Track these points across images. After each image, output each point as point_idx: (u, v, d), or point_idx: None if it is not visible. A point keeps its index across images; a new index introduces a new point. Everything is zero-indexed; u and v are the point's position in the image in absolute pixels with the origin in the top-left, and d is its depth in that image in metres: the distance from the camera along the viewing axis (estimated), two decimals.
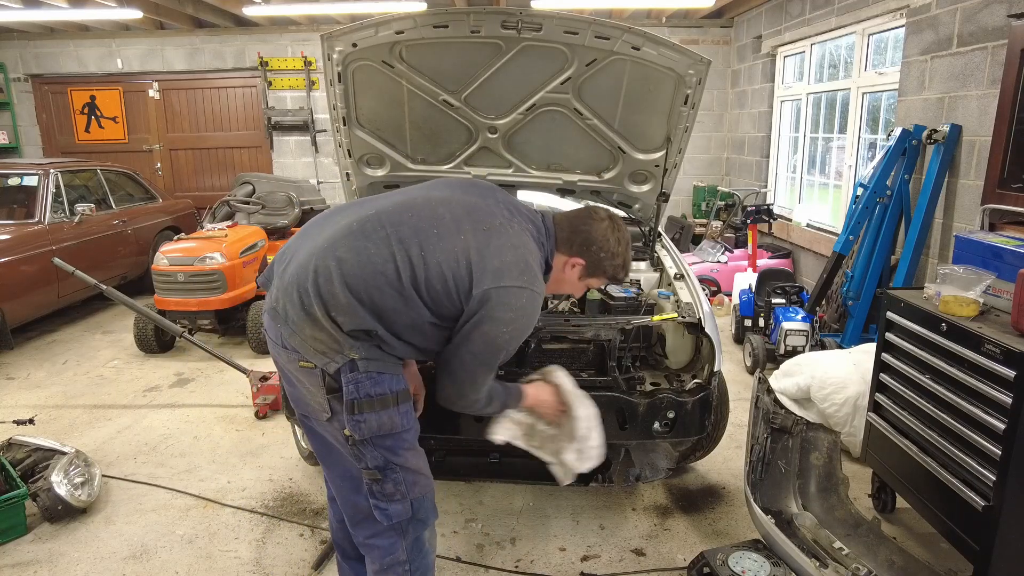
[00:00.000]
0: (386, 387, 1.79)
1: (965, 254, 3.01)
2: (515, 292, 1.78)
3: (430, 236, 1.80)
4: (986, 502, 2.13)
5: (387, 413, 1.79)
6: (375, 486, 1.85)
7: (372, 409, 1.77)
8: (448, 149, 3.42)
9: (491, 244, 1.82)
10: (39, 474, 3.02)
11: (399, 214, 1.85)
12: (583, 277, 2.07)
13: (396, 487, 1.85)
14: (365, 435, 1.78)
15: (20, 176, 5.79)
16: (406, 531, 1.91)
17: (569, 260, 2.03)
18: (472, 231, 1.82)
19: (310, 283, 1.76)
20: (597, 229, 2.01)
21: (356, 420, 1.77)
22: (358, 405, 1.76)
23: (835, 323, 4.95)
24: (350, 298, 1.74)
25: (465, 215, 1.86)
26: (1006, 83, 3.73)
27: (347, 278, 1.75)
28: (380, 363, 1.79)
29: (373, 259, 1.77)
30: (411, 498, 1.88)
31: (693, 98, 2.94)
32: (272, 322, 1.85)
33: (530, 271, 1.84)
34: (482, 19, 2.71)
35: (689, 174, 8.60)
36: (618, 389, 2.58)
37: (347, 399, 1.76)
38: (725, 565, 2.30)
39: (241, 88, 8.84)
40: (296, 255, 1.85)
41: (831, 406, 3.35)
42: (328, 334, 1.75)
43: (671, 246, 3.51)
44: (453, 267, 1.78)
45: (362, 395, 1.76)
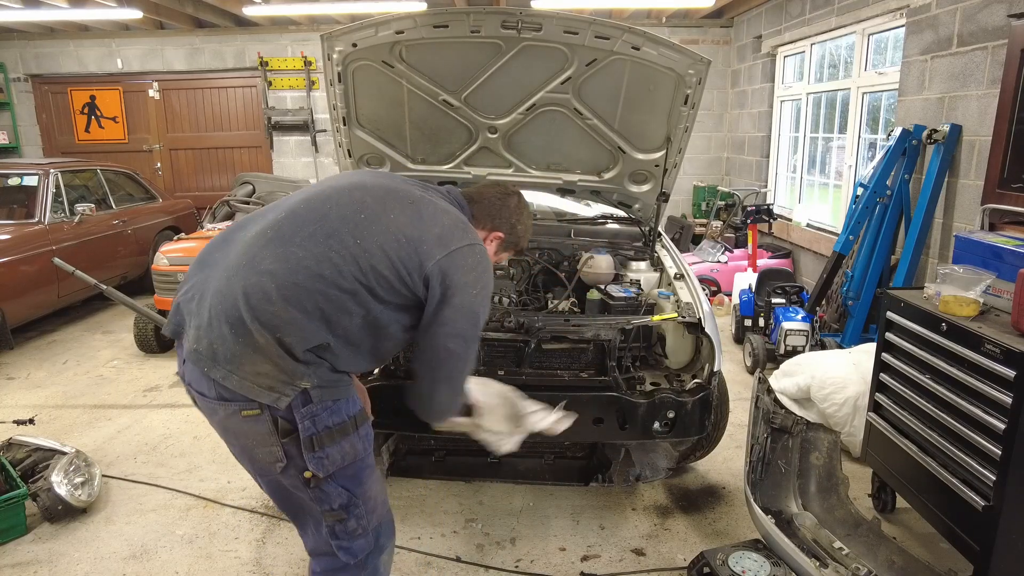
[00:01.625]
0: (343, 413, 1.64)
1: (965, 254, 3.02)
2: (466, 251, 1.71)
3: (359, 222, 1.66)
4: (986, 502, 2.13)
5: (348, 441, 1.65)
6: (338, 526, 1.72)
7: (333, 441, 1.62)
8: (448, 149, 3.42)
9: (422, 215, 1.72)
10: (39, 474, 3.02)
11: (316, 208, 1.69)
12: (497, 252, 2.06)
13: (359, 522, 1.73)
14: (330, 471, 1.63)
15: (20, 176, 5.79)
16: (366, 564, 1.80)
17: (490, 235, 2.00)
18: (399, 208, 1.71)
19: (243, 308, 1.53)
20: (513, 203, 2.03)
21: (318, 457, 1.60)
22: (318, 440, 1.59)
23: (835, 323, 4.95)
24: (295, 313, 1.55)
25: (385, 195, 1.75)
26: (1006, 83, 3.73)
27: (284, 291, 1.55)
28: (334, 389, 1.63)
29: (305, 263, 1.58)
30: (371, 529, 1.77)
31: (693, 98, 2.94)
32: (197, 370, 1.59)
33: (468, 228, 1.81)
34: (482, 19, 2.71)
35: (689, 174, 8.60)
36: (618, 389, 2.58)
37: (304, 436, 1.58)
38: (725, 565, 2.30)
39: (241, 88, 8.84)
40: (207, 286, 1.62)
41: (831, 406, 3.35)
42: (275, 364, 1.54)
43: (671, 246, 3.51)
44: (394, 247, 1.64)
45: (320, 428, 1.59)
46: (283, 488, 1.76)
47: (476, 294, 1.70)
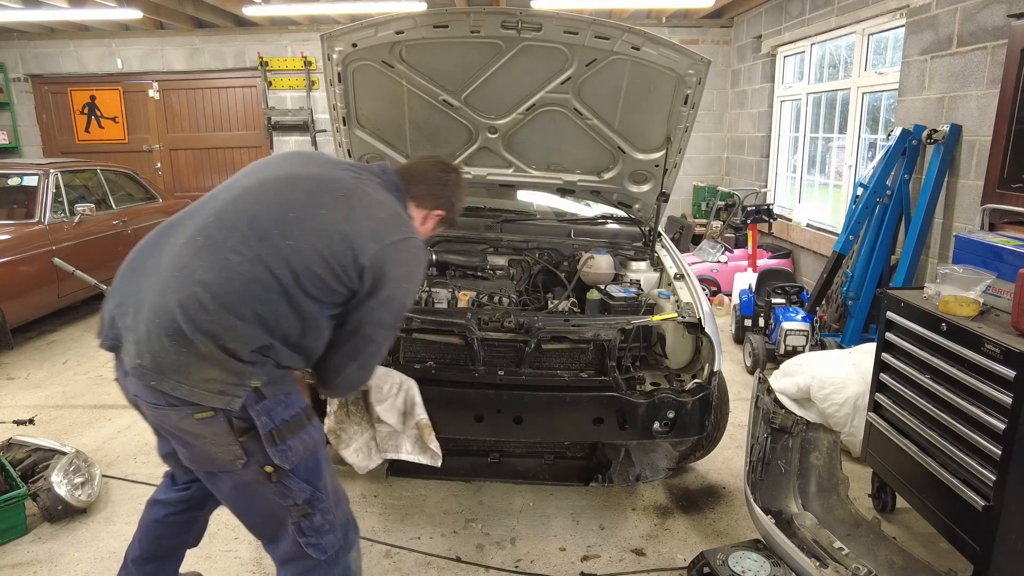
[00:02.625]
0: (296, 406, 1.66)
1: (965, 254, 3.01)
2: (402, 245, 1.71)
3: (290, 221, 1.63)
4: (986, 502, 2.13)
5: (306, 432, 1.68)
6: (304, 522, 1.72)
7: (292, 433, 1.63)
8: (448, 149, 3.42)
9: (356, 208, 1.70)
10: (39, 474, 3.02)
11: (245, 209, 1.66)
12: (435, 228, 2.05)
13: (324, 517, 1.74)
14: (295, 462, 1.65)
15: (20, 176, 5.78)
16: (337, 561, 1.80)
17: (430, 213, 1.98)
18: (331, 203, 1.68)
19: (182, 321, 1.53)
20: (452, 180, 2.02)
21: (282, 449, 1.62)
22: (278, 434, 1.61)
23: (835, 323, 4.95)
24: (233, 320, 1.54)
25: (316, 188, 1.71)
26: (1006, 83, 3.73)
27: (220, 299, 1.54)
28: (282, 384, 1.64)
29: (239, 269, 1.57)
30: (339, 524, 1.79)
31: (693, 98, 2.94)
32: (142, 383, 1.58)
33: (403, 220, 1.80)
34: (482, 19, 2.71)
35: (689, 174, 8.60)
36: (618, 389, 2.58)
37: (264, 431, 1.59)
38: (725, 565, 2.30)
39: (241, 88, 8.84)
40: (142, 298, 1.61)
41: (831, 406, 3.35)
42: (222, 369, 1.55)
43: (671, 246, 3.51)
44: (328, 245, 1.62)
45: (278, 422, 1.61)
46: (246, 490, 1.73)
47: (406, 287, 1.73)
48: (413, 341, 2.72)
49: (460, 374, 2.60)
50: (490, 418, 2.53)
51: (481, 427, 2.55)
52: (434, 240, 3.42)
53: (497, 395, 2.52)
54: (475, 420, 2.53)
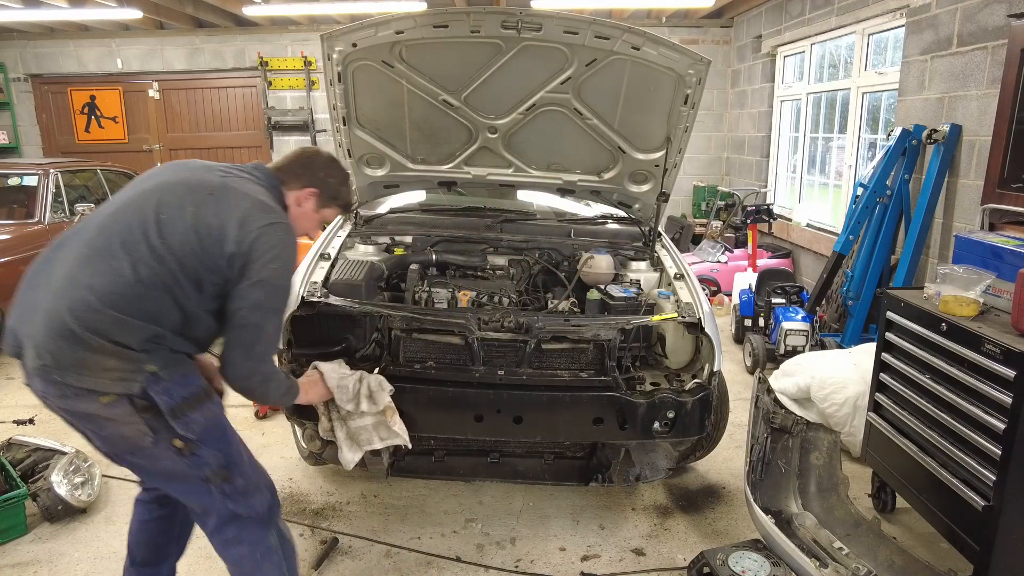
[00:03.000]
0: (193, 384, 1.80)
1: (965, 254, 3.02)
2: (267, 230, 1.80)
3: (162, 223, 1.76)
4: (986, 502, 2.13)
5: (207, 407, 1.81)
6: (227, 486, 1.85)
7: (192, 408, 1.77)
8: (448, 149, 3.42)
9: (222, 203, 1.81)
10: (39, 474, 3.02)
11: (122, 219, 1.80)
12: (319, 208, 2.08)
13: (246, 479, 1.89)
14: (199, 433, 1.79)
15: (20, 176, 5.79)
16: (271, 519, 1.95)
17: (301, 193, 2.03)
18: (199, 201, 1.80)
19: (72, 323, 1.67)
20: (318, 159, 2.08)
21: (185, 422, 1.76)
22: (179, 409, 1.75)
23: (835, 323, 4.96)
24: (122, 317, 1.69)
25: (185, 191, 1.83)
26: (1006, 83, 3.73)
27: (106, 300, 1.69)
28: (178, 366, 1.77)
29: (120, 271, 1.71)
30: (265, 485, 1.94)
31: (693, 98, 2.94)
32: (47, 381, 1.72)
33: (269, 207, 1.87)
34: (482, 19, 2.71)
35: (689, 174, 8.60)
36: (618, 389, 2.58)
37: (165, 408, 1.73)
38: (725, 565, 2.30)
39: (241, 88, 8.84)
40: (37, 307, 1.74)
41: (831, 406, 3.35)
42: (117, 359, 1.69)
43: (671, 246, 3.51)
44: (198, 239, 1.75)
45: (177, 399, 1.75)
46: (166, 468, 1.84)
47: (276, 268, 1.80)
48: (413, 341, 2.72)
49: (460, 374, 2.60)
50: (490, 418, 2.52)
51: (481, 427, 2.55)
52: (434, 240, 3.42)
53: (497, 395, 2.52)
54: (475, 420, 2.53)
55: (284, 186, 2.02)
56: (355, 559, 2.70)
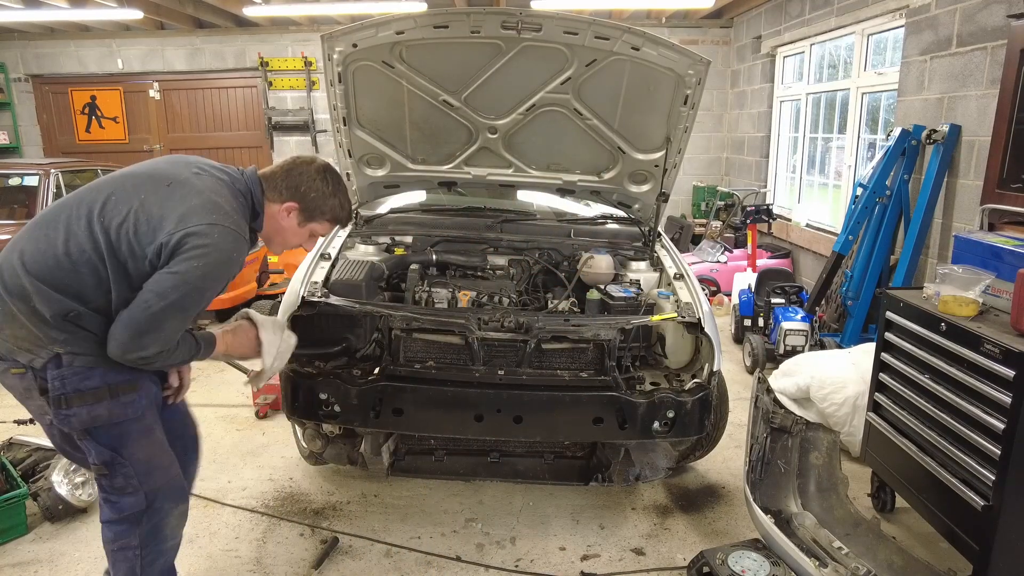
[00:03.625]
0: (98, 380, 1.79)
1: (964, 254, 3.02)
2: (207, 228, 1.75)
3: (107, 204, 1.78)
4: (986, 502, 2.13)
5: (102, 406, 1.80)
6: (103, 480, 1.89)
7: (84, 402, 1.78)
8: (448, 149, 3.43)
9: (174, 195, 1.79)
10: (40, 474, 3.02)
11: (79, 196, 1.84)
12: (304, 222, 2.05)
13: (127, 480, 1.88)
14: (76, 428, 1.81)
15: (21, 176, 5.79)
16: (140, 521, 1.93)
17: (283, 207, 2.00)
18: (152, 190, 1.80)
19: (5, 285, 1.75)
20: (305, 173, 2.01)
21: (64, 415, 1.78)
22: (66, 400, 1.77)
23: (834, 323, 4.96)
24: (39, 285, 1.73)
25: (147, 179, 1.85)
26: (1005, 83, 3.73)
27: (29, 267, 1.74)
28: (90, 357, 1.77)
29: (53, 242, 1.75)
30: (145, 490, 1.91)
31: (693, 98, 2.94)
32: None
33: (220, 210, 1.81)
34: (482, 19, 2.71)
35: (689, 174, 8.60)
36: (618, 389, 2.59)
37: (53, 395, 1.77)
38: (725, 564, 2.30)
39: (241, 88, 8.85)
40: None
41: (830, 406, 3.35)
42: (29, 330, 1.74)
43: (671, 246, 3.51)
44: (135, 224, 1.75)
45: (69, 390, 1.76)
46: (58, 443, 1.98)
47: (197, 266, 1.74)
48: (413, 341, 2.73)
49: (460, 374, 2.60)
50: (490, 418, 2.53)
51: (481, 427, 2.56)
52: (434, 240, 3.43)
53: (497, 395, 2.53)
54: (475, 420, 2.53)
55: (266, 196, 1.99)
56: (355, 559, 2.70)
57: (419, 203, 3.93)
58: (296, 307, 2.63)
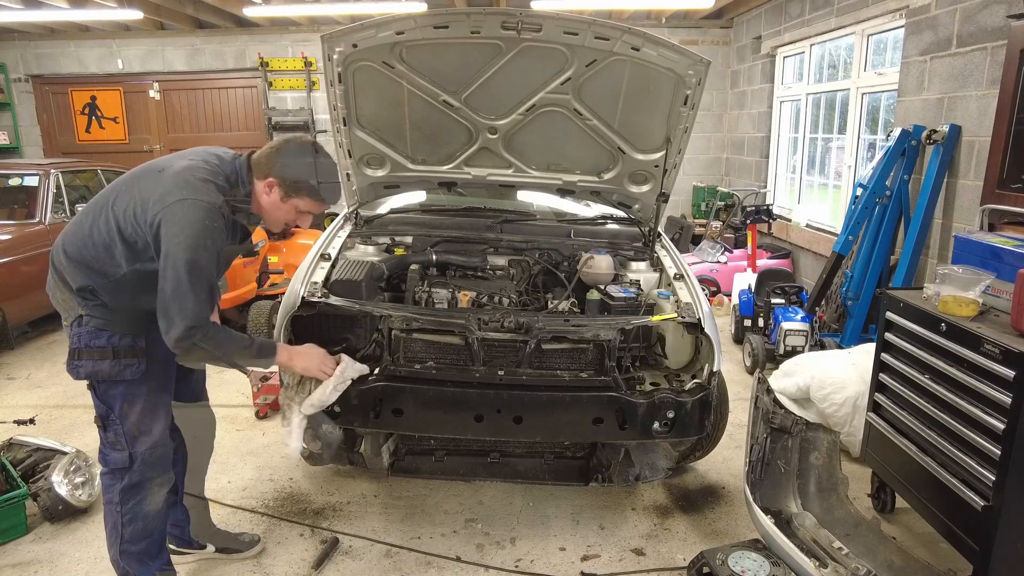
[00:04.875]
0: (105, 340, 2.08)
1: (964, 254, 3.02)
2: (176, 206, 1.96)
3: (120, 194, 2.07)
4: (985, 502, 2.13)
5: (105, 363, 2.09)
6: (101, 432, 2.18)
7: (91, 357, 2.08)
8: (448, 149, 3.43)
9: (159, 179, 2.03)
10: (40, 474, 3.02)
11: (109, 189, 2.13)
12: (285, 197, 2.15)
13: (117, 437, 2.15)
14: (81, 376, 2.10)
15: (21, 176, 5.79)
16: (122, 478, 2.17)
17: (264, 183, 2.13)
18: (149, 177, 2.07)
19: (52, 259, 2.14)
20: (285, 150, 2.13)
21: (75, 364, 2.10)
22: (78, 352, 2.09)
23: (835, 323, 4.96)
24: (68, 260, 2.07)
25: (148, 168, 2.13)
26: (1005, 83, 3.73)
27: (66, 246, 2.09)
28: (103, 320, 2.08)
29: (83, 225, 2.08)
30: (131, 451, 2.15)
31: (693, 99, 2.94)
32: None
33: (191, 186, 2.00)
34: (482, 20, 2.71)
35: (689, 174, 8.61)
36: (618, 389, 2.59)
37: (71, 346, 2.11)
38: (725, 565, 2.30)
39: (241, 89, 8.85)
40: None
41: (830, 406, 3.35)
42: (64, 294, 2.11)
43: (671, 246, 3.51)
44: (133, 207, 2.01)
45: (82, 345, 2.08)
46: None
47: (180, 242, 1.94)
48: (413, 341, 2.73)
49: (460, 374, 2.60)
50: (490, 418, 2.53)
51: (481, 427, 2.56)
52: (434, 240, 3.42)
53: (497, 395, 2.53)
54: (475, 420, 2.53)
55: (254, 174, 2.15)
56: (355, 559, 2.70)
57: (419, 203, 3.93)
58: (296, 307, 2.63)
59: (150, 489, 2.21)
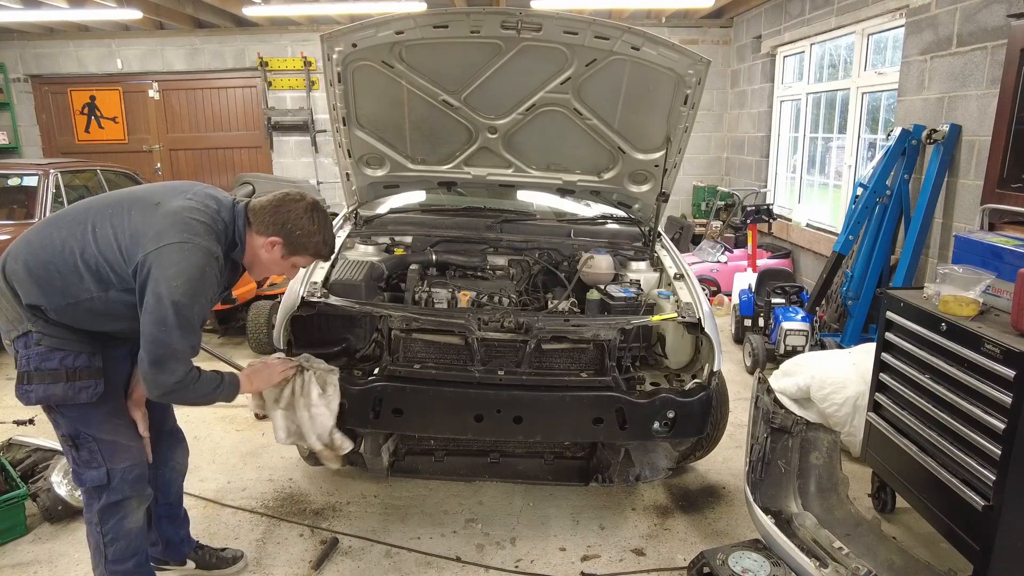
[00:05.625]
0: (57, 362, 1.95)
1: (965, 254, 3.01)
2: (175, 247, 1.88)
3: (104, 216, 1.96)
4: (986, 502, 2.13)
5: (58, 386, 1.95)
6: (72, 452, 2.06)
7: (42, 381, 1.94)
8: (448, 149, 3.42)
9: (156, 215, 1.94)
10: (39, 474, 3.02)
11: (89, 206, 2.04)
12: (287, 256, 2.13)
13: (92, 455, 2.04)
14: (32, 402, 1.97)
15: (20, 176, 5.78)
16: (101, 496, 2.09)
17: (267, 240, 2.08)
18: (141, 209, 1.97)
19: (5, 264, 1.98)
20: (293, 210, 2.08)
21: (24, 389, 1.96)
22: (28, 376, 1.95)
23: (835, 323, 4.96)
24: (27, 273, 1.92)
25: (141, 199, 2.02)
26: (1005, 83, 3.73)
27: (28, 257, 1.94)
28: (57, 339, 1.95)
29: (54, 241, 1.94)
30: (109, 467, 2.05)
31: (693, 98, 2.94)
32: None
33: (191, 228, 1.93)
34: (482, 19, 2.71)
35: (689, 174, 8.60)
36: (618, 389, 2.58)
37: (19, 370, 1.96)
38: (725, 565, 2.30)
39: (241, 88, 8.84)
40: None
41: (831, 406, 3.35)
42: (11, 304, 1.95)
43: (671, 246, 3.51)
44: (121, 238, 1.92)
45: (32, 367, 1.94)
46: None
47: (176, 286, 1.86)
48: (413, 341, 2.72)
49: (460, 374, 2.60)
50: (490, 418, 2.53)
51: (481, 427, 2.55)
52: (434, 240, 3.42)
53: (497, 395, 2.52)
54: (475, 420, 2.53)
55: (252, 227, 2.08)
56: (355, 559, 2.70)
57: (419, 203, 3.93)
58: (296, 307, 2.63)
59: (130, 506, 2.14)
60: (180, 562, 2.57)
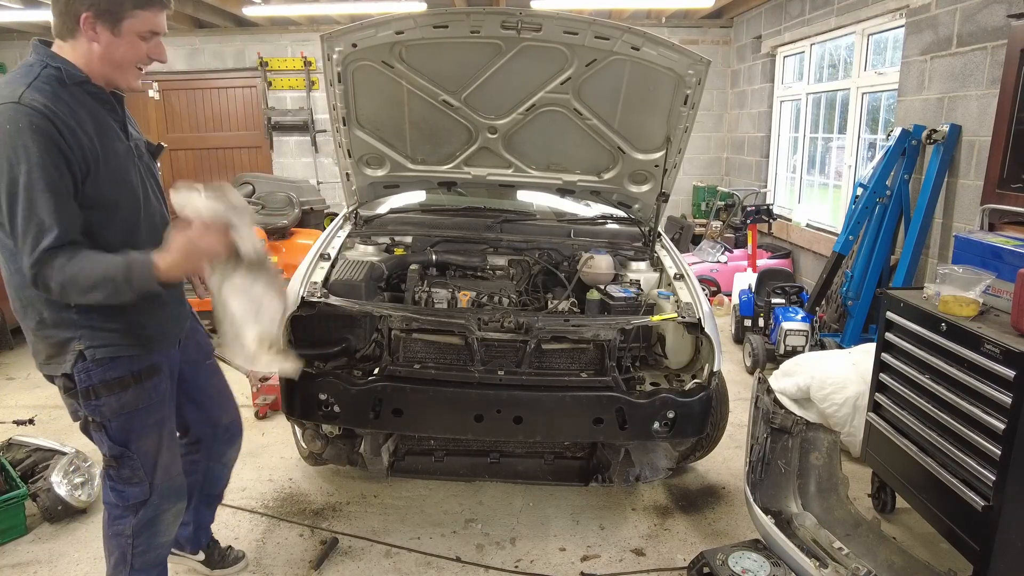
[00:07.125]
0: (123, 369, 1.85)
1: (965, 254, 3.01)
2: None
3: None
4: (986, 502, 2.13)
5: (130, 392, 1.87)
6: (111, 471, 1.97)
7: (111, 392, 1.84)
8: (448, 149, 3.43)
9: None
10: (39, 474, 3.02)
11: None
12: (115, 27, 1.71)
13: (134, 471, 1.95)
14: (108, 417, 1.86)
15: None
16: (137, 512, 2.00)
17: (81, 28, 1.68)
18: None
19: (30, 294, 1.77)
20: None
21: (95, 405, 1.84)
22: (94, 391, 1.83)
23: (835, 323, 4.96)
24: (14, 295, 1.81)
25: None
26: (1006, 83, 3.73)
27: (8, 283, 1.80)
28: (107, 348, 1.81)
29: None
30: (151, 482, 1.97)
31: (693, 98, 2.94)
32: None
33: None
34: (482, 19, 2.71)
35: (689, 174, 8.60)
36: (618, 389, 2.58)
37: (81, 388, 1.82)
38: (725, 565, 2.30)
39: (241, 88, 8.84)
40: None
41: (831, 406, 3.35)
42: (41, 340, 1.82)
43: (671, 246, 3.51)
44: None
45: (96, 381, 1.82)
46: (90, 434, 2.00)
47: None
48: (413, 341, 2.72)
49: (460, 374, 2.60)
50: (490, 418, 2.53)
51: (481, 427, 2.55)
52: (434, 240, 3.42)
53: (497, 395, 2.52)
54: (475, 420, 2.53)
55: (62, 39, 1.73)
56: (355, 559, 2.70)
57: (419, 203, 3.93)
58: (296, 307, 2.63)
59: (165, 518, 2.06)
60: (196, 550, 2.55)
